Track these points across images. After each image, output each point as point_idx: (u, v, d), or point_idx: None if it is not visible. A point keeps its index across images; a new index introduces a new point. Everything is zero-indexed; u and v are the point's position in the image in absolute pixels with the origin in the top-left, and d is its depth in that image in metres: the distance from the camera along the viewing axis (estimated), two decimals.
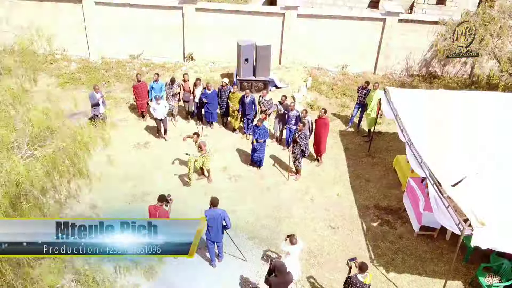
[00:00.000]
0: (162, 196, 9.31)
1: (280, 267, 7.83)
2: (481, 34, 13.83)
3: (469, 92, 13.29)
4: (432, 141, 10.13)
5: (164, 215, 9.12)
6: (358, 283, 7.89)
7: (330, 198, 11.91)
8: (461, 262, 10.09)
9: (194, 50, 17.82)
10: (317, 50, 17.62)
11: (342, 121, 15.36)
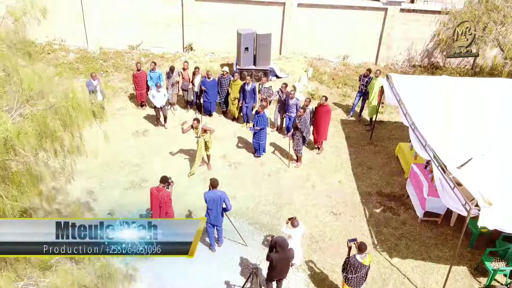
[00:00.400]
0: (165, 177, 9.13)
1: (282, 242, 7.61)
2: (485, 22, 13.66)
3: (473, 79, 13.10)
4: (436, 125, 9.91)
5: (166, 197, 8.95)
6: (357, 263, 7.68)
7: (331, 185, 11.70)
8: (466, 247, 9.88)
9: (193, 40, 17.64)
10: (318, 40, 17.43)
11: (344, 110, 15.15)
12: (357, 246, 7.78)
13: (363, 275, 7.81)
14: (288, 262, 7.84)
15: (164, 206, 8.98)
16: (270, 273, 7.90)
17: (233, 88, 13.55)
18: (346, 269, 7.81)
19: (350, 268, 7.74)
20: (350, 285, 7.88)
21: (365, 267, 7.73)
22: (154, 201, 9.03)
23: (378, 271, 9.25)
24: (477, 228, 9.77)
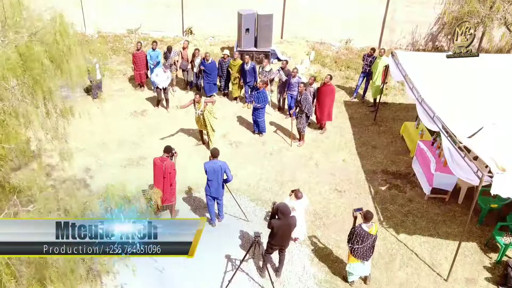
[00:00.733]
0: (168, 147, 8.80)
1: (284, 208, 7.26)
2: (491, 0, 13.35)
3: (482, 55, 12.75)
4: (444, 97, 9.59)
5: (170, 166, 8.63)
6: (363, 232, 7.34)
7: (335, 164, 11.37)
8: (475, 224, 9.55)
9: (193, 24, 17.34)
10: (320, 24, 17.09)
11: (347, 92, 14.83)
12: (362, 216, 7.45)
13: (370, 245, 7.47)
14: (289, 230, 7.48)
15: (168, 177, 8.66)
16: (270, 242, 7.54)
17: (233, 68, 13.24)
18: (352, 240, 7.47)
19: (356, 238, 7.40)
20: (356, 256, 7.55)
21: (371, 237, 7.39)
22: (157, 171, 8.69)
23: (384, 247, 8.91)
24: (486, 204, 9.48)
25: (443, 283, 8.24)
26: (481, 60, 11.07)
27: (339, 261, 8.55)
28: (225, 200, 9.46)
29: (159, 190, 8.53)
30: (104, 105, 13.40)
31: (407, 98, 14.70)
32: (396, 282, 8.19)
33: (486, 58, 11.48)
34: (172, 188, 8.87)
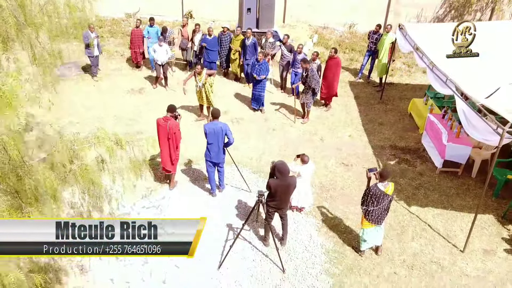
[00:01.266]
0: (172, 106, 8.35)
1: (281, 167, 6.70)
2: None
3: (491, 22, 12.32)
4: (456, 63, 9.12)
5: (175, 126, 8.19)
6: (379, 192, 6.80)
7: (341, 139, 10.86)
8: (490, 197, 9.03)
9: (193, 7, 16.90)
10: (323, 8, 16.67)
11: (351, 73, 14.36)
12: (377, 176, 6.92)
13: (385, 206, 6.94)
14: (288, 190, 6.90)
15: (173, 138, 8.21)
16: (268, 204, 6.96)
17: (234, 42, 12.78)
18: (367, 201, 6.92)
19: (371, 199, 6.86)
20: (371, 219, 7.00)
21: (388, 197, 6.86)
22: (161, 132, 8.24)
23: (395, 219, 8.38)
24: (502, 175, 8.97)
25: (459, 254, 7.70)
26: (491, 25, 10.65)
27: (348, 232, 8.01)
28: (226, 172, 8.96)
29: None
30: (100, 83, 12.94)
31: (415, 79, 14.27)
32: (409, 253, 7.65)
33: (496, 24, 11.05)
34: (177, 152, 8.41)
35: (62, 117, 10.92)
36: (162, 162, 8.56)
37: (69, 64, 13.84)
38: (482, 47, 9.62)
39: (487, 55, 9.34)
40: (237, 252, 7.32)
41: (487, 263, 7.55)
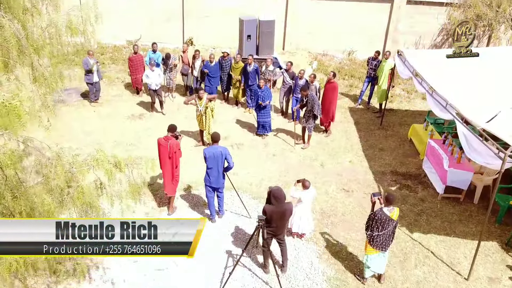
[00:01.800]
0: (173, 125, 8.45)
1: (277, 192, 6.64)
2: (498, 2, 13.10)
3: (489, 48, 12.42)
4: (455, 88, 9.14)
5: (176, 146, 8.24)
6: (384, 217, 6.70)
7: (342, 164, 10.80)
8: (493, 224, 8.90)
9: (194, 34, 17.09)
10: (323, 35, 16.89)
11: (351, 99, 14.41)
12: (381, 202, 6.83)
13: (390, 232, 6.82)
14: (284, 217, 6.80)
15: (173, 157, 8.25)
16: (265, 232, 6.81)
17: (235, 70, 12.86)
18: (372, 226, 6.81)
19: (376, 224, 6.75)
20: (375, 245, 6.87)
21: (393, 222, 6.75)
22: (162, 151, 8.30)
23: (398, 245, 8.23)
24: (505, 201, 8.88)
25: (463, 282, 7.53)
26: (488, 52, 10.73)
27: (349, 259, 7.85)
28: (226, 198, 8.87)
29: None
30: (100, 109, 12.96)
31: (415, 105, 14.32)
32: (412, 281, 7.48)
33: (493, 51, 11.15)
34: (176, 173, 8.44)
35: (61, 142, 10.84)
36: (164, 182, 8.58)
37: (70, 90, 13.91)
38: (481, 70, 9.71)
39: (486, 79, 9.39)
40: (236, 280, 7.15)
41: None
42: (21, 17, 6.38)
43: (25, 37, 6.10)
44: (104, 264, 7.30)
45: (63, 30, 6.45)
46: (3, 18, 5.64)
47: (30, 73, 5.92)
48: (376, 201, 6.89)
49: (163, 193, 9.11)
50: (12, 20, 5.98)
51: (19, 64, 5.85)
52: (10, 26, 5.73)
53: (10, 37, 5.44)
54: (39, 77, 5.97)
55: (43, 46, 6.04)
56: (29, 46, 5.90)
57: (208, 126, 10.67)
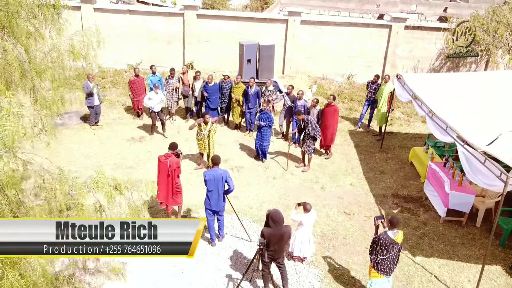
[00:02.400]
0: (174, 143, 8.59)
1: (275, 215, 6.59)
2: (494, 28, 13.28)
3: (487, 72, 12.52)
4: (455, 111, 9.17)
5: (175, 164, 8.34)
6: (388, 240, 6.62)
7: (342, 187, 10.75)
8: (497, 247, 8.81)
9: (194, 58, 17.25)
10: (322, 59, 17.07)
11: (351, 122, 14.44)
12: (385, 225, 6.76)
13: (395, 256, 6.73)
14: (282, 240, 6.72)
15: (172, 174, 8.33)
16: (263, 255, 6.71)
17: (235, 92, 12.91)
18: (376, 250, 6.73)
19: (380, 248, 6.67)
20: (380, 269, 6.78)
21: (397, 245, 6.67)
22: (161, 169, 8.39)
23: (400, 269, 8.11)
24: (508, 224, 8.81)
25: None
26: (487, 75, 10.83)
27: (351, 283, 7.74)
28: (226, 221, 8.80)
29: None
30: (101, 131, 12.97)
31: (414, 128, 14.35)
32: None
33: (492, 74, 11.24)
34: (177, 187, 8.51)
35: (61, 165, 10.80)
36: (161, 197, 8.63)
37: (70, 113, 13.96)
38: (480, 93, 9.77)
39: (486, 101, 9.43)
40: None
41: None
42: (24, 41, 6.44)
43: (27, 61, 6.16)
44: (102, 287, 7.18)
45: (65, 55, 6.48)
46: (6, 42, 5.71)
47: (31, 97, 5.93)
48: (379, 224, 6.83)
49: (163, 215, 9.06)
50: (15, 44, 6.06)
51: (21, 88, 5.89)
52: (13, 50, 5.79)
53: (13, 61, 5.48)
54: (40, 100, 5.99)
55: (45, 70, 6.06)
56: (31, 69, 5.94)
57: (212, 148, 10.69)
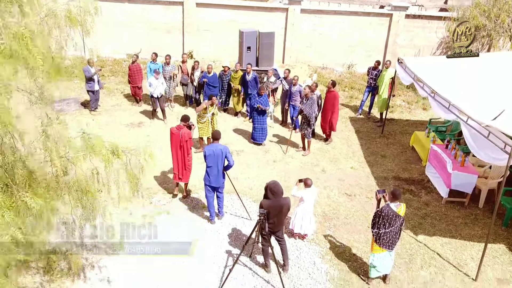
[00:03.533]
0: (186, 115, 8.75)
1: (273, 187, 6.47)
2: (496, 14, 13.19)
3: (488, 53, 12.42)
4: (457, 89, 9.06)
5: (187, 135, 8.41)
6: (391, 213, 6.51)
7: (343, 170, 10.64)
8: (500, 226, 8.70)
9: (194, 48, 17.16)
10: (322, 49, 16.98)
11: (352, 109, 14.34)
12: (386, 199, 6.65)
13: (397, 229, 6.61)
14: (282, 212, 6.58)
15: (185, 145, 8.41)
16: (265, 226, 6.56)
17: (234, 80, 12.83)
18: (378, 223, 6.60)
19: (382, 221, 6.54)
20: (382, 243, 6.65)
21: (400, 218, 6.55)
22: (174, 140, 8.48)
23: (402, 247, 8.00)
24: (511, 204, 8.70)
25: (472, 282, 7.29)
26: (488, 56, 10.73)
27: (353, 260, 7.62)
28: (226, 201, 8.69)
29: None
30: (99, 117, 12.86)
31: (415, 115, 14.26)
32: (419, 281, 7.23)
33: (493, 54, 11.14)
34: (189, 160, 8.58)
35: None
36: (174, 169, 8.72)
37: (69, 100, 13.86)
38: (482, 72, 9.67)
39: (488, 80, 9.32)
40: (236, 278, 6.91)
41: None
42: None
43: None
44: (100, 262, 7.06)
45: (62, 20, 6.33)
46: None
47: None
48: (381, 198, 6.72)
49: (168, 186, 9.09)
50: None
51: None
52: None
53: None
54: None
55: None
56: None
57: (214, 127, 10.86)
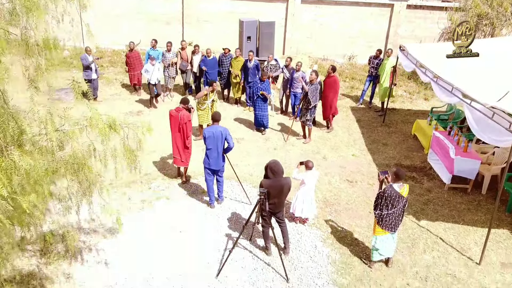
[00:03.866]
0: (186, 98, 8.63)
1: (274, 166, 6.33)
2: (499, 2, 13.07)
3: (489, 39, 12.29)
4: (460, 74, 8.94)
5: (186, 117, 8.35)
6: (394, 193, 6.38)
7: (345, 158, 10.52)
8: (503, 212, 8.59)
9: (193, 39, 16.98)
10: (323, 40, 16.86)
11: (353, 99, 14.22)
12: (389, 180, 6.52)
13: (400, 210, 6.49)
14: (282, 192, 6.45)
15: (184, 127, 8.34)
16: (263, 209, 6.43)
17: (234, 65, 12.71)
18: (381, 204, 6.48)
19: (385, 202, 6.42)
20: (385, 225, 6.53)
21: (403, 199, 6.43)
22: (173, 122, 8.46)
23: (405, 232, 7.88)
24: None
25: (475, 266, 7.17)
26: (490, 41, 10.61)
27: (355, 244, 7.50)
28: (226, 186, 8.58)
29: None
30: (98, 106, 12.72)
31: (417, 105, 14.14)
32: (422, 265, 7.11)
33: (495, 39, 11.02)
34: (188, 144, 8.52)
35: None
36: (174, 153, 8.66)
37: (67, 89, 13.71)
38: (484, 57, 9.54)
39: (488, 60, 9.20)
40: (237, 261, 6.79)
41: (506, 275, 7.00)
42: None
43: None
44: (97, 246, 6.95)
45: None
46: None
47: None
48: (384, 179, 6.60)
49: (167, 171, 8.99)
50: None
51: None
52: None
53: None
54: None
55: None
56: None
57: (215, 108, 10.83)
